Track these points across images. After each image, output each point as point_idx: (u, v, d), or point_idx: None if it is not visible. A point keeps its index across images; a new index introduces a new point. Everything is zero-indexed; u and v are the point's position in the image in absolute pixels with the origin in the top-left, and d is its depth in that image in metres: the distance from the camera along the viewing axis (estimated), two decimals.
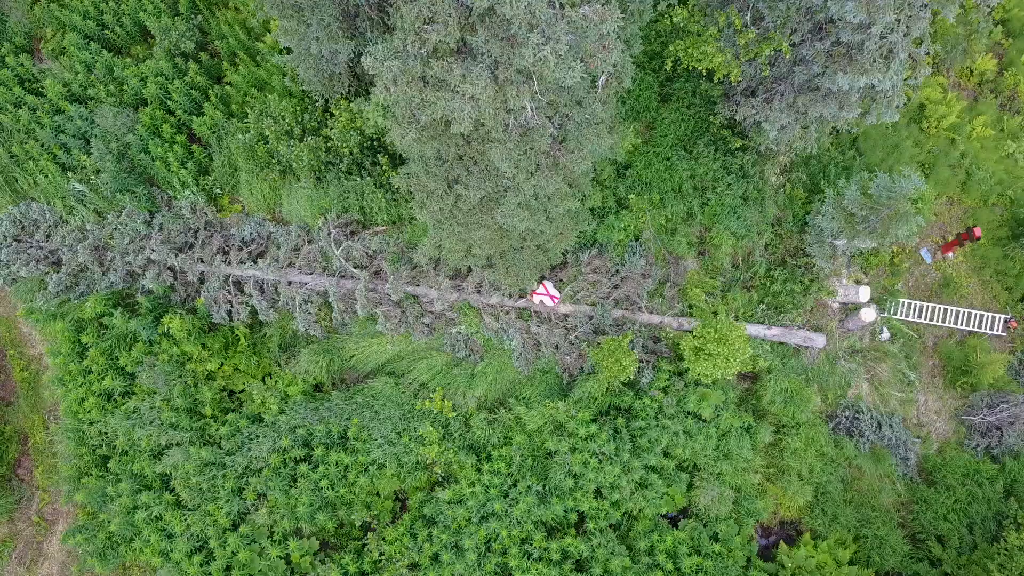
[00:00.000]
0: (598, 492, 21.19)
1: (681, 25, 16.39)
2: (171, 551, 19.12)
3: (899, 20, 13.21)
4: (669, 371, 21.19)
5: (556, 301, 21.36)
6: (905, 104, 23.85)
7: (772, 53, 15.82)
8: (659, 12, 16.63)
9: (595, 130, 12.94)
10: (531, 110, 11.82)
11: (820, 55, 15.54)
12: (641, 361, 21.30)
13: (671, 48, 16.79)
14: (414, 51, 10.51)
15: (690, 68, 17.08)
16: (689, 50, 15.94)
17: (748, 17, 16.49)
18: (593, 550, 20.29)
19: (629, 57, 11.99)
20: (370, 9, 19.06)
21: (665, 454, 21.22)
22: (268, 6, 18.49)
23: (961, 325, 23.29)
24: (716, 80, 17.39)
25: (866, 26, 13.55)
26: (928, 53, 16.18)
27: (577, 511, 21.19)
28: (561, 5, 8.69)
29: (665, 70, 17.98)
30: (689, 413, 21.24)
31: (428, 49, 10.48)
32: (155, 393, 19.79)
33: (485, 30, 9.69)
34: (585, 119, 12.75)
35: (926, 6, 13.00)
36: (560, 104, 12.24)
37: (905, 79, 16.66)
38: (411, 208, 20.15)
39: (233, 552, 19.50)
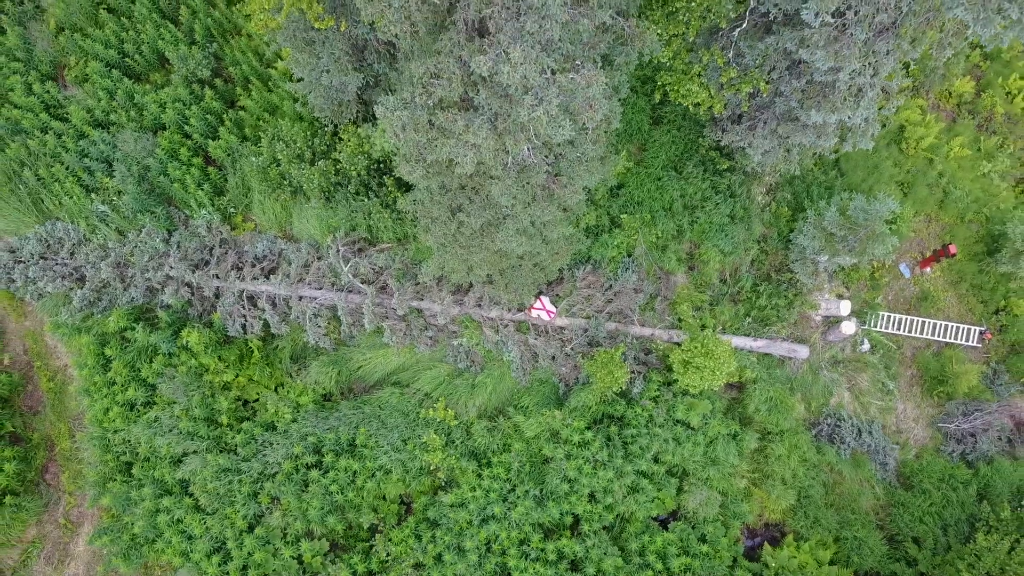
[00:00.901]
0: (592, 496, 21.87)
1: (667, 65, 17.52)
2: (191, 552, 20.11)
3: (866, 64, 14.35)
4: (659, 382, 22.10)
5: (552, 315, 22.46)
6: (883, 127, 25.00)
7: (752, 89, 16.95)
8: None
9: (586, 166, 14.10)
10: (528, 150, 13.00)
11: (796, 91, 16.69)
12: (633, 372, 22.35)
13: (659, 79, 17.94)
14: (421, 102, 11.68)
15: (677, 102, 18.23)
16: (675, 87, 17.08)
17: (730, 54, 17.65)
18: (587, 551, 21.01)
19: (617, 102, 13.15)
20: (378, 44, 20.22)
21: (655, 460, 22.03)
22: (281, 38, 19.65)
23: (938, 337, 24.20)
24: (702, 111, 18.53)
25: (836, 70, 14.70)
26: (898, 87, 17.28)
27: (572, 514, 21.76)
28: (553, 72, 9.85)
29: (656, 96, 19.08)
30: (678, 421, 22.04)
31: (434, 101, 11.66)
32: (175, 403, 20.80)
33: (485, 88, 10.85)
34: (577, 157, 13.91)
35: (890, 52, 14.11)
36: (554, 144, 13.42)
37: (880, 107, 17.76)
38: (416, 230, 21.35)
39: (249, 553, 20.34)
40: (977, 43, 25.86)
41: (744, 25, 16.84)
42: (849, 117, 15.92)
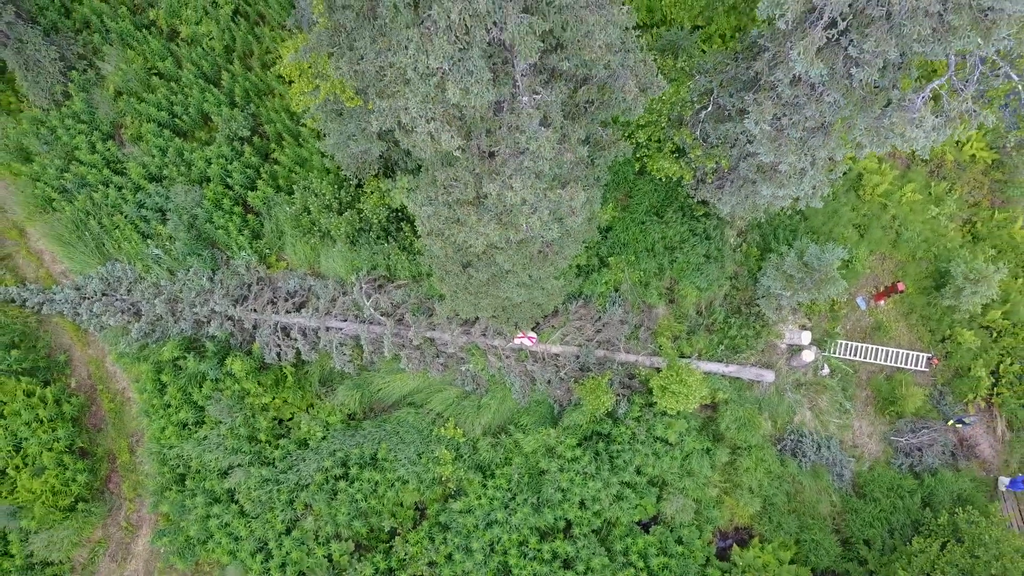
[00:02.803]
0: (582, 503, 24.15)
1: (644, 144, 20.64)
2: (238, 551, 23.10)
3: (803, 155, 17.43)
4: (641, 403, 24.76)
5: (533, 341, 25.30)
6: (844, 174, 27.94)
7: (715, 164, 20.08)
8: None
9: (572, 239, 17.28)
10: (527, 228, 16.18)
11: (752, 167, 19.80)
12: (618, 395, 25.25)
13: (639, 153, 21.07)
14: (442, 200, 14.86)
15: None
16: (651, 162, 20.20)
17: (698, 132, 20.78)
18: (578, 551, 23.46)
19: (598, 191, 16.28)
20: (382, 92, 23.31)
21: (638, 472, 24.40)
22: (315, 107, 22.75)
23: (890, 362, 26.72)
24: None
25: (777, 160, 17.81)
26: (843, 157, 20.35)
27: (565, 519, 24.09)
28: (544, 191, 12.95)
29: (635, 166, 22.17)
30: (658, 438, 24.39)
31: (453, 199, 14.84)
32: (221, 423, 23.81)
33: (494, 189, 14.06)
34: (566, 231, 17.10)
35: (824, 145, 17.16)
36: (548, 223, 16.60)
37: (830, 171, 20.78)
38: (431, 277, 24.43)
39: (287, 552, 23.14)
40: (934, 95, 28.84)
41: (709, 109, 20.00)
42: (796, 190, 19.02)
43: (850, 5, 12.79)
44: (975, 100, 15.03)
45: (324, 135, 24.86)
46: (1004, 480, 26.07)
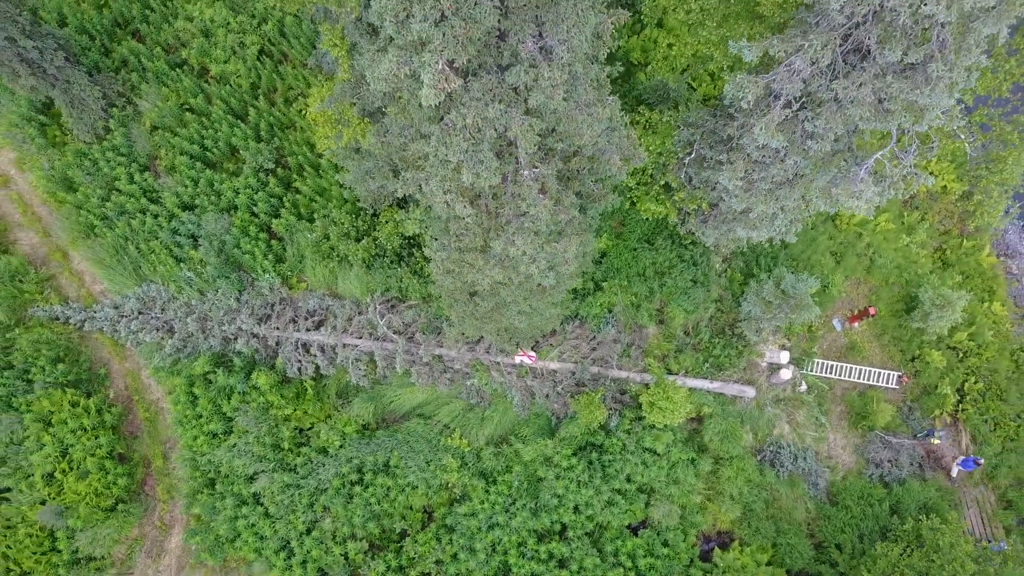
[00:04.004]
0: (576, 508, 25.63)
1: (632, 187, 22.87)
2: (263, 549, 25.09)
3: (772, 203, 19.63)
4: (632, 417, 26.39)
5: (533, 359, 27.39)
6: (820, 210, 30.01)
7: (696, 206, 22.30)
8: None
9: (569, 276, 19.55)
10: (526, 273, 18.44)
11: (729, 209, 22.02)
12: (610, 409, 27.23)
13: (628, 193, 23.28)
14: (453, 246, 17.14)
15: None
16: (640, 203, 22.43)
17: (683, 175, 22.99)
18: (572, 552, 25.00)
19: (590, 235, 18.51)
20: (405, 138, 25.55)
21: (628, 480, 25.85)
22: (336, 148, 24.97)
23: (863, 380, 28.35)
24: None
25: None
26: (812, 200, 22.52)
27: (560, 523, 25.62)
28: (542, 244, 15.16)
29: (626, 205, 24.39)
30: (647, 449, 25.80)
31: (463, 246, 17.11)
32: (248, 432, 25.78)
33: (499, 245, 16.33)
34: (560, 273, 19.36)
35: (794, 203, 19.29)
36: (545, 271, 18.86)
37: (805, 208, 22.92)
38: (440, 303, 26.60)
39: (307, 550, 24.87)
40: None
41: (693, 156, 22.22)
42: (767, 231, 21.23)
43: (803, 89, 15.01)
44: (921, 157, 17.18)
45: (343, 169, 27.13)
46: (955, 467, 28.29)
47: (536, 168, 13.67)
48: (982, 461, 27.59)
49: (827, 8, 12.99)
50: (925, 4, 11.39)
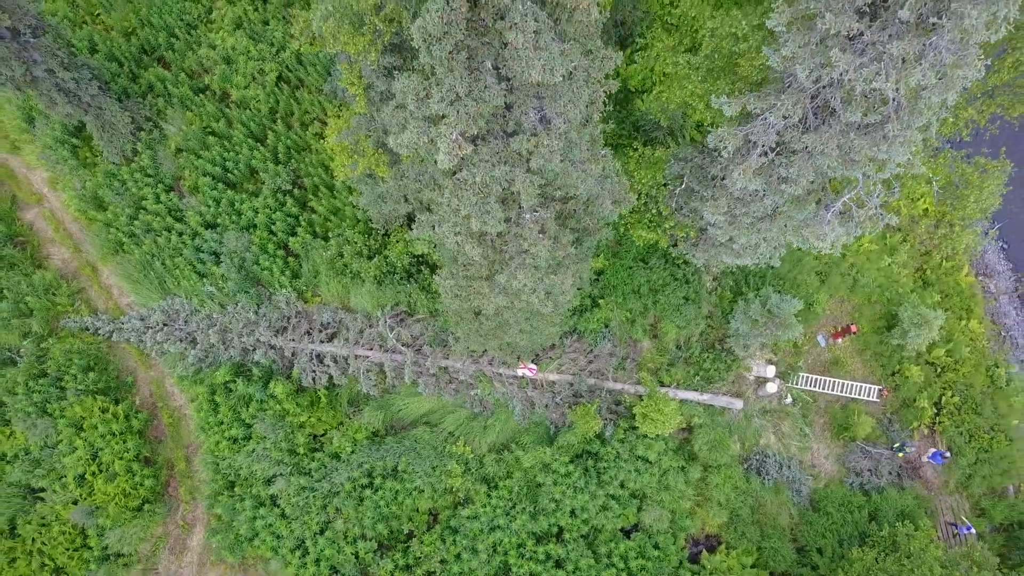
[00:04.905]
0: (573, 512, 26.85)
1: (625, 214, 24.56)
2: (279, 548, 26.72)
3: (754, 234, 21.30)
4: (625, 427, 27.89)
5: (533, 371, 29.01)
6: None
7: (685, 234, 23.99)
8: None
9: (566, 304, 21.25)
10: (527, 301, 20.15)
11: (715, 238, 23.69)
12: (605, 420, 28.92)
13: (622, 222, 25.00)
14: (461, 275, 18.87)
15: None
16: (633, 230, 24.13)
17: (673, 204, 24.68)
18: (568, 553, 26.29)
19: (586, 264, 20.22)
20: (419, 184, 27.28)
21: (622, 486, 27.12)
22: (354, 177, 26.59)
23: (845, 393, 29.90)
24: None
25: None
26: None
27: (558, 526, 26.89)
28: (541, 278, 16.86)
29: (619, 231, 26.10)
30: (639, 457, 27.10)
31: (470, 275, 18.84)
32: (266, 438, 27.32)
33: (503, 278, 18.06)
34: (557, 302, 21.07)
35: (775, 236, 20.93)
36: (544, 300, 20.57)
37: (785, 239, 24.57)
38: (446, 317, 28.29)
39: (321, 549, 26.27)
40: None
41: (683, 187, 23.91)
42: (750, 259, 22.91)
43: (777, 140, 16.70)
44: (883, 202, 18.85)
45: (356, 190, 28.84)
46: (925, 458, 29.92)
47: (536, 212, 15.39)
48: (949, 455, 29.27)
49: (796, 73, 14.67)
50: (875, 79, 13.06)
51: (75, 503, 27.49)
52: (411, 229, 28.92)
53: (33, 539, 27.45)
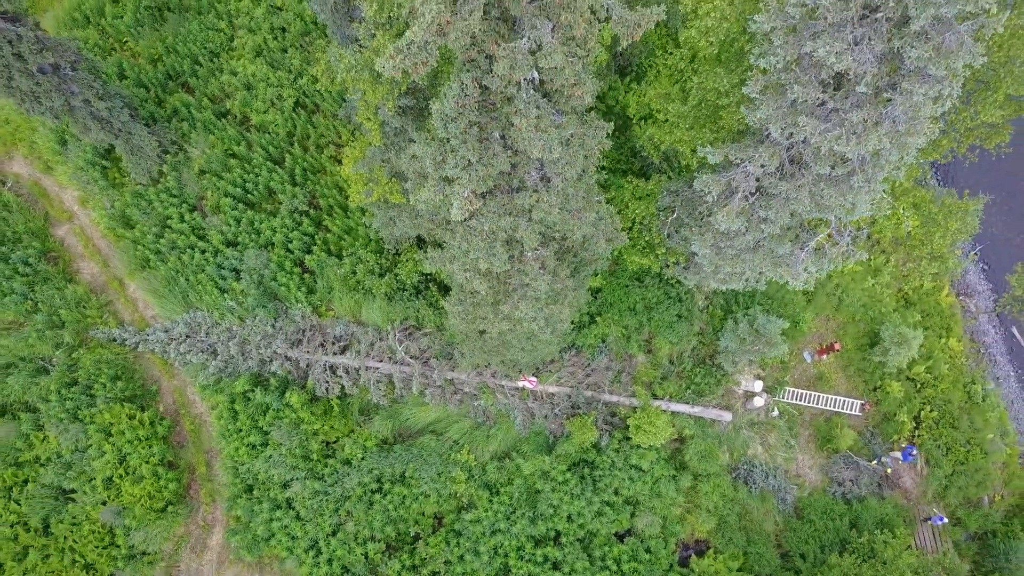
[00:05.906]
0: (569, 517, 28.13)
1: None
2: (294, 548, 28.51)
3: (738, 264, 22.99)
4: (620, 437, 29.51)
5: (534, 383, 30.67)
6: None
7: (675, 260, 25.71)
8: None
9: (564, 328, 23.02)
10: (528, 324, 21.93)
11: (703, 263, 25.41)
12: (601, 430, 30.70)
13: (616, 249, 26.73)
14: (468, 302, 20.66)
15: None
16: (627, 256, 25.88)
17: (666, 231, 26.40)
18: (565, 556, 27.62)
19: (583, 291, 21.97)
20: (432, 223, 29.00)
21: (616, 493, 28.45)
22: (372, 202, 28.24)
23: (830, 407, 31.42)
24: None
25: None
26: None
27: (555, 530, 28.08)
28: (541, 308, 18.59)
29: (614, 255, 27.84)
30: (633, 466, 28.34)
31: (476, 301, 20.61)
32: (282, 445, 28.99)
33: (506, 308, 19.85)
34: (556, 329, 22.83)
35: (756, 267, 22.62)
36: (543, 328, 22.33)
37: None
38: (452, 332, 30.03)
39: (333, 550, 27.76)
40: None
41: (675, 216, 25.63)
42: (737, 285, 24.63)
43: (756, 185, 18.44)
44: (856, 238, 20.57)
45: (369, 212, 30.60)
46: (896, 455, 31.44)
47: (537, 251, 17.16)
48: (915, 451, 30.98)
49: (770, 131, 16.41)
50: (837, 144, 14.79)
51: (104, 504, 29.34)
52: (420, 249, 30.82)
53: (65, 537, 29.35)
